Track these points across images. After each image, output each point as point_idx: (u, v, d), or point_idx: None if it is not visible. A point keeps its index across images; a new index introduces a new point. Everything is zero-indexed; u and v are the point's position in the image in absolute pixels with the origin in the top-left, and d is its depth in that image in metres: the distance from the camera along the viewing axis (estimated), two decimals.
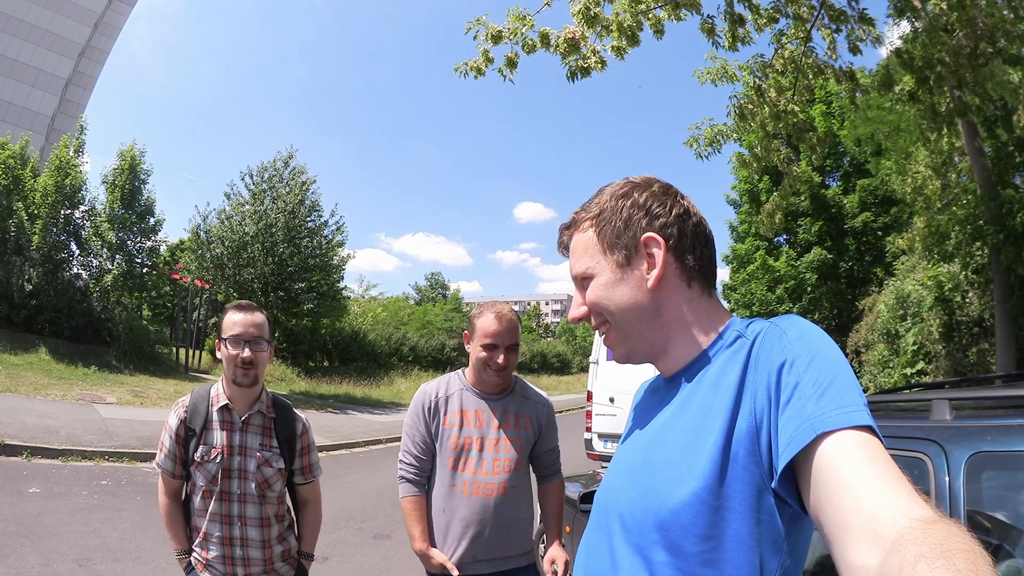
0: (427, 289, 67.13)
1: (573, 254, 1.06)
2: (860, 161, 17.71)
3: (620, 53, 6.21)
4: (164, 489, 2.14)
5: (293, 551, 2.26)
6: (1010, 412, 1.65)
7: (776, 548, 0.82)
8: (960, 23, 6.59)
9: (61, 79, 46.05)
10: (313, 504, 2.35)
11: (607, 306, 1.00)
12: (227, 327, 2.08)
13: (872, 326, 14.80)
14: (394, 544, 5.73)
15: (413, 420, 2.33)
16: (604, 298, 1.00)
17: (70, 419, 9.08)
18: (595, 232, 1.03)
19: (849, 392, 0.76)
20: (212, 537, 2.07)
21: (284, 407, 2.27)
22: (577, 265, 1.04)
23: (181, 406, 2.12)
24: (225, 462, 2.05)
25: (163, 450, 2.11)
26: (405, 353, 31.15)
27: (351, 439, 11.95)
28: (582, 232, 1.05)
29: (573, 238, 1.07)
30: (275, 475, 2.13)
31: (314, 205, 17.44)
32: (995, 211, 8.48)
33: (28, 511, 5.34)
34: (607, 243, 1.01)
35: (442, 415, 2.29)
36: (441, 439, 2.28)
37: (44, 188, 16.21)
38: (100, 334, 16.83)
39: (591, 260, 1.02)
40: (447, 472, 2.25)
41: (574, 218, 1.08)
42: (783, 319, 0.90)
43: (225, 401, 2.10)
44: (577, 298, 1.07)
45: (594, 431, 9.03)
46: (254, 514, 2.10)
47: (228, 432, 2.09)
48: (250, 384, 2.09)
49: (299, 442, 2.25)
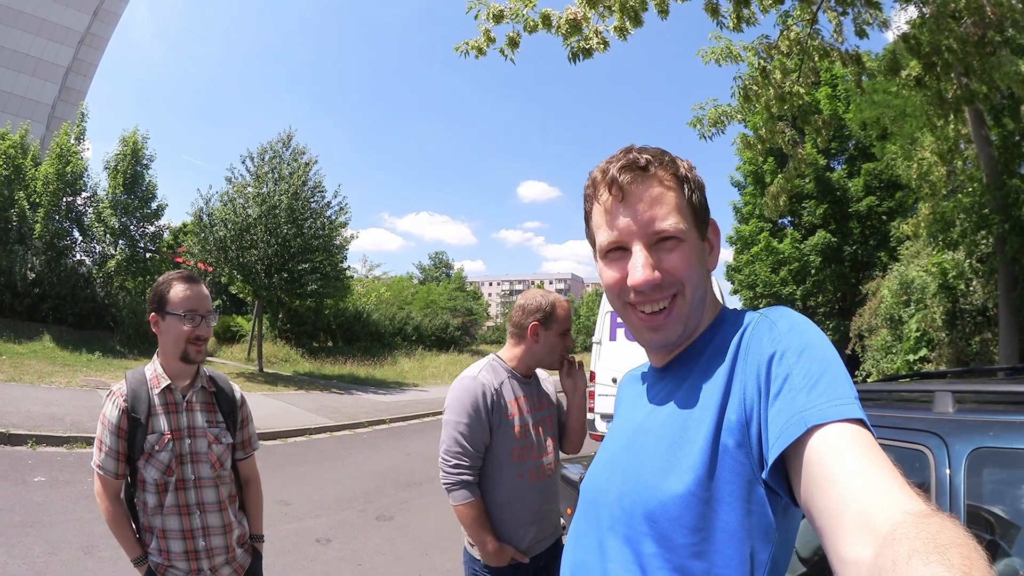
0: (431, 268, 67.07)
1: (658, 203, 0.92)
2: (865, 145, 17.57)
3: (623, 34, 6.13)
4: (105, 493, 1.93)
5: (247, 535, 2.17)
6: (1014, 408, 1.63)
7: (767, 539, 0.81)
8: (968, 11, 6.49)
9: (61, 67, 45.85)
10: (254, 482, 2.25)
11: (692, 278, 0.92)
12: (178, 301, 1.92)
13: (876, 311, 14.79)
14: (397, 526, 5.77)
15: (471, 418, 2.11)
16: (693, 269, 0.92)
17: (75, 406, 9.13)
18: (685, 195, 0.94)
19: (840, 385, 0.76)
20: (171, 533, 1.92)
21: (221, 378, 2.16)
22: (668, 220, 0.91)
23: (119, 395, 1.92)
24: (176, 448, 1.92)
25: (102, 449, 1.91)
26: (409, 333, 31.26)
27: (355, 419, 12.00)
28: (666, 187, 0.93)
29: (652, 187, 0.92)
30: (225, 451, 2.05)
31: (317, 185, 17.42)
32: (1001, 201, 8.45)
33: (34, 500, 5.38)
34: (696, 214, 0.95)
35: (503, 406, 2.17)
36: (504, 431, 2.16)
37: (45, 176, 16.23)
38: (104, 320, 16.94)
39: (683, 223, 0.92)
40: (512, 464, 2.16)
41: (650, 161, 0.93)
42: (773, 310, 0.89)
43: (167, 382, 1.95)
44: (644, 257, 0.91)
45: (596, 412, 9.06)
46: (212, 499, 1.99)
47: (174, 415, 1.95)
48: (201, 360, 1.99)
49: (240, 413, 2.16)
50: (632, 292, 0.93)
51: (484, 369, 2.23)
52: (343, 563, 4.74)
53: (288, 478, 7.20)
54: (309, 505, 6.14)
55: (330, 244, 17.53)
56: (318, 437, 10.38)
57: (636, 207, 0.91)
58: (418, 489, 7.21)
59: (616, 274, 0.94)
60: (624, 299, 0.95)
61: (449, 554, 4.91)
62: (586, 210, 1.01)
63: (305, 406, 12.78)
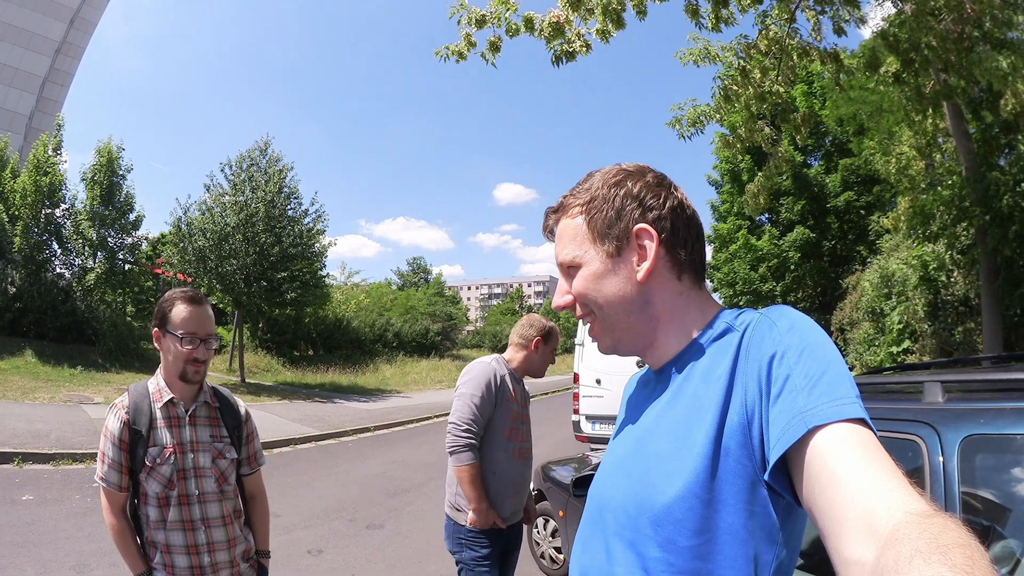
0: (409, 274, 66.95)
1: (560, 240, 1.01)
2: (842, 140, 17.78)
3: (605, 36, 6.16)
4: (109, 507, 1.91)
5: (252, 551, 2.17)
6: (1002, 395, 1.67)
7: (771, 540, 0.81)
8: (948, 8, 6.56)
9: (38, 77, 45.00)
10: (260, 497, 2.25)
11: (594, 298, 0.97)
12: (179, 322, 1.91)
13: (856, 304, 14.91)
14: (388, 534, 5.74)
15: (484, 392, 2.57)
16: (591, 289, 0.97)
17: (59, 422, 8.99)
18: (585, 220, 0.98)
19: (841, 384, 0.75)
20: (176, 549, 1.90)
21: (225, 395, 2.16)
22: (564, 252, 1.00)
23: (121, 407, 1.91)
24: (179, 462, 1.91)
25: (105, 461, 1.89)
26: (389, 339, 31.19)
27: (339, 428, 11.93)
28: (570, 218, 1.00)
29: (560, 223, 1.02)
30: (229, 467, 2.05)
31: (292, 192, 17.32)
32: (981, 193, 8.52)
33: (23, 519, 5.30)
34: (597, 232, 0.97)
35: (506, 390, 2.67)
36: (503, 410, 2.63)
37: (23, 188, 15.95)
38: (85, 333, 16.67)
39: (579, 249, 0.98)
40: (502, 440, 2.62)
41: (562, 202, 1.02)
42: (773, 310, 0.89)
43: (170, 396, 1.95)
44: (563, 285, 1.03)
45: (582, 413, 9.07)
46: (216, 514, 1.98)
47: (177, 429, 1.94)
48: (200, 381, 1.99)
49: (245, 428, 2.16)
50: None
51: (493, 360, 2.75)
52: (336, 574, 4.72)
53: (276, 489, 7.13)
54: (298, 516, 6.10)
55: (308, 252, 17.44)
56: (303, 447, 10.31)
57: (557, 243, 1.03)
58: (406, 496, 7.18)
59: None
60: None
61: (441, 561, 4.86)
62: None
63: (289, 416, 12.69)
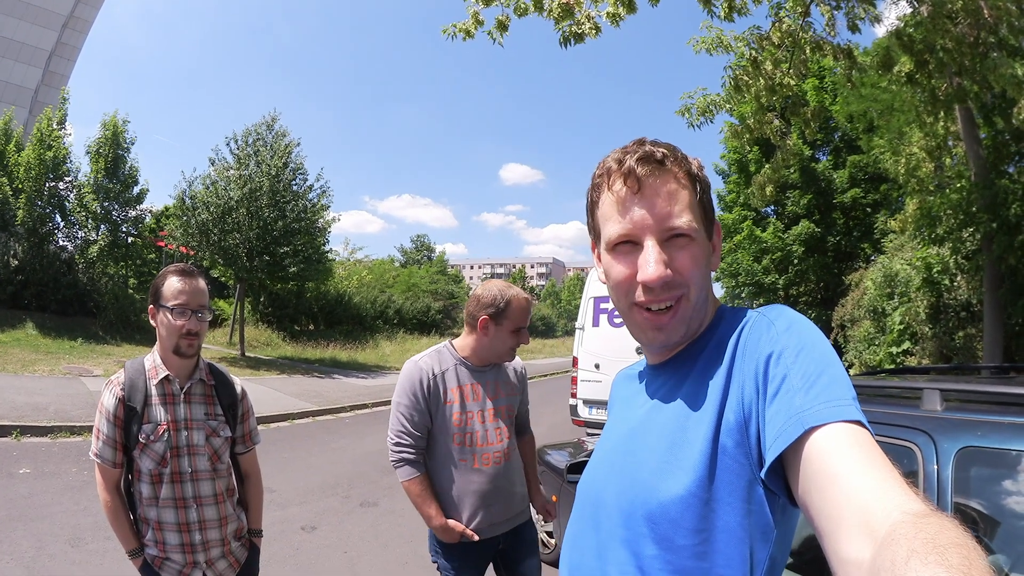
0: (412, 251, 66.89)
1: (674, 199, 0.89)
2: (851, 137, 17.62)
3: (615, 20, 6.06)
4: (103, 483, 1.92)
5: (244, 530, 2.17)
6: (1000, 409, 1.65)
7: (766, 539, 0.81)
8: (965, 12, 6.47)
9: (44, 51, 44.80)
10: (254, 477, 2.25)
11: (698, 279, 0.90)
12: (170, 295, 1.91)
13: (858, 302, 14.88)
14: (382, 512, 5.77)
15: (409, 400, 2.20)
16: (699, 270, 0.90)
17: (58, 395, 9.04)
18: (697, 194, 0.92)
19: (838, 386, 0.75)
20: (167, 526, 1.92)
21: (221, 372, 2.16)
22: (683, 218, 0.89)
23: (116, 384, 1.92)
24: (172, 439, 1.91)
25: (100, 437, 1.91)
26: (390, 316, 31.05)
27: (337, 403, 11.96)
28: (680, 184, 0.91)
29: (668, 184, 0.90)
30: (223, 444, 2.05)
31: (298, 167, 17.28)
32: (989, 199, 8.45)
33: (20, 492, 5.33)
34: (706, 212, 0.94)
35: (442, 393, 2.22)
36: (443, 417, 2.22)
37: (27, 162, 15.94)
38: (87, 305, 16.74)
39: (695, 221, 0.90)
40: (453, 448, 2.21)
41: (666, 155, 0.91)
42: (771, 309, 0.88)
43: (165, 373, 1.95)
44: (657, 253, 0.88)
45: (579, 397, 9.07)
46: (208, 492, 1.99)
47: (171, 406, 1.94)
48: (194, 355, 1.98)
49: (241, 407, 2.16)
50: (640, 289, 0.90)
51: (428, 355, 2.30)
52: (329, 551, 4.73)
53: (271, 464, 7.15)
54: (293, 492, 6.13)
55: (312, 227, 17.42)
56: (300, 422, 10.33)
57: (652, 201, 0.89)
58: None
59: (626, 270, 0.91)
60: (631, 297, 0.92)
61: None
62: (592, 199, 0.98)
63: (287, 391, 12.73)
